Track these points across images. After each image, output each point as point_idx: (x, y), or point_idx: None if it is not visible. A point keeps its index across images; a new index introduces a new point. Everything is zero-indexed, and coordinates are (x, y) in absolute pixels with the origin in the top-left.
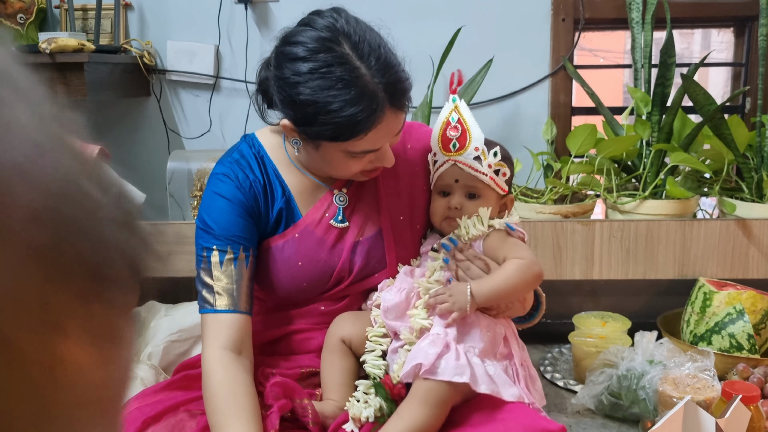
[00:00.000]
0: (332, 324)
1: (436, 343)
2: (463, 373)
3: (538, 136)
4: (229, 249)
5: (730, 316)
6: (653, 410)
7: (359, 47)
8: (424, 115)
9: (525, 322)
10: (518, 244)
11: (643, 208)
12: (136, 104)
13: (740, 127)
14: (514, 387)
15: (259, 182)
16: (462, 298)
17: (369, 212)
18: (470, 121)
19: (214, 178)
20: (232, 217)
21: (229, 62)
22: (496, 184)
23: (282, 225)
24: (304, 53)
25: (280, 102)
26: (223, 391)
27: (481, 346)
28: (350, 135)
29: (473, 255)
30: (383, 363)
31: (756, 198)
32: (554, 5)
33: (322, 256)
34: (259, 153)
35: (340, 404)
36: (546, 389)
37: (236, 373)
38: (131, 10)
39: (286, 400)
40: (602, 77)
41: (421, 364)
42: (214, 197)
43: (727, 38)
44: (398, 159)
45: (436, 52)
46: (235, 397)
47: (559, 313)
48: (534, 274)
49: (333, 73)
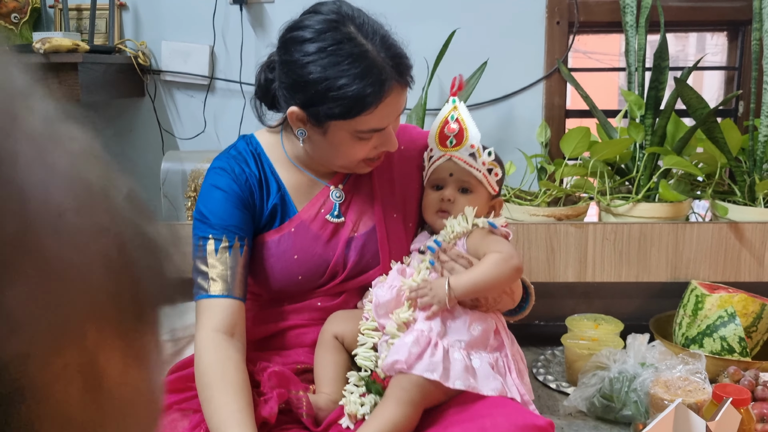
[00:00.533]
0: (326, 321)
1: (419, 340)
2: (434, 370)
3: (532, 139)
4: (224, 238)
5: (722, 319)
6: (645, 412)
7: (363, 28)
8: (418, 117)
9: (515, 314)
10: (499, 240)
11: (636, 211)
12: (131, 104)
13: (733, 130)
14: (497, 380)
15: (255, 176)
16: (441, 291)
17: (364, 209)
18: (468, 121)
19: (211, 172)
20: (227, 208)
21: (224, 63)
22: (488, 182)
23: (277, 220)
24: (312, 35)
25: (289, 88)
26: (212, 368)
27: (468, 338)
28: (360, 110)
29: (456, 254)
30: (374, 355)
31: (748, 201)
32: (549, 8)
33: (317, 250)
34: (256, 150)
35: (332, 397)
36: (538, 391)
37: (227, 352)
38: (126, 10)
39: (282, 390)
40: (596, 80)
41: (397, 360)
42: (210, 189)
43: (721, 42)
44: (392, 159)
45: (431, 54)
46: (224, 373)
47: (551, 315)
48: (512, 267)
49: (341, 50)
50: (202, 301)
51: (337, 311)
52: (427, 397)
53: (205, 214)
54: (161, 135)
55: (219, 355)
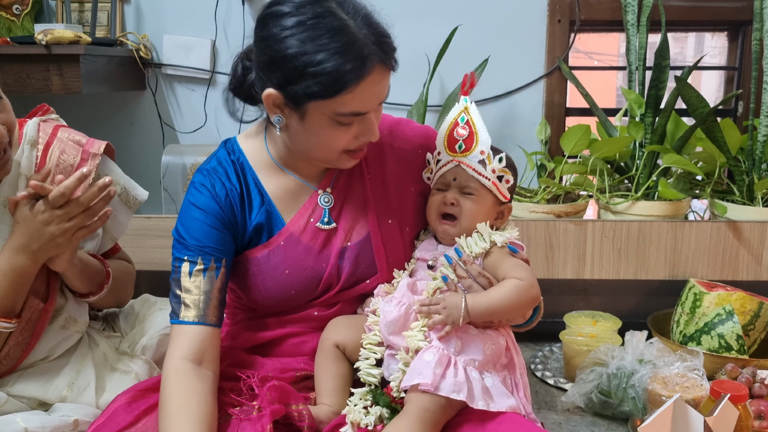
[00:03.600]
0: (326, 328)
1: (441, 360)
2: (460, 391)
3: (532, 136)
4: (200, 260)
5: (720, 317)
6: (642, 408)
7: (345, 6)
8: (419, 113)
9: (522, 325)
10: (519, 264)
11: (635, 209)
12: (132, 97)
13: (732, 130)
14: (511, 398)
15: (236, 191)
16: (456, 312)
17: (357, 215)
18: (479, 124)
19: (191, 187)
20: (204, 228)
21: (226, 57)
22: (498, 190)
23: (264, 234)
24: (290, 8)
25: (265, 67)
26: (173, 399)
27: (482, 358)
28: (340, 87)
29: (477, 271)
30: (378, 371)
31: (747, 200)
32: (550, 6)
33: (309, 263)
34: (239, 159)
35: (333, 409)
36: (536, 387)
37: (190, 381)
38: (128, 3)
39: (279, 405)
40: (596, 79)
41: (422, 383)
42: (189, 207)
43: (721, 42)
44: (385, 159)
45: (432, 51)
46: (184, 405)
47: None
48: (531, 297)
49: (321, 24)
50: (174, 327)
51: (337, 317)
52: (448, 417)
53: (183, 234)
54: (162, 128)
55: (180, 385)
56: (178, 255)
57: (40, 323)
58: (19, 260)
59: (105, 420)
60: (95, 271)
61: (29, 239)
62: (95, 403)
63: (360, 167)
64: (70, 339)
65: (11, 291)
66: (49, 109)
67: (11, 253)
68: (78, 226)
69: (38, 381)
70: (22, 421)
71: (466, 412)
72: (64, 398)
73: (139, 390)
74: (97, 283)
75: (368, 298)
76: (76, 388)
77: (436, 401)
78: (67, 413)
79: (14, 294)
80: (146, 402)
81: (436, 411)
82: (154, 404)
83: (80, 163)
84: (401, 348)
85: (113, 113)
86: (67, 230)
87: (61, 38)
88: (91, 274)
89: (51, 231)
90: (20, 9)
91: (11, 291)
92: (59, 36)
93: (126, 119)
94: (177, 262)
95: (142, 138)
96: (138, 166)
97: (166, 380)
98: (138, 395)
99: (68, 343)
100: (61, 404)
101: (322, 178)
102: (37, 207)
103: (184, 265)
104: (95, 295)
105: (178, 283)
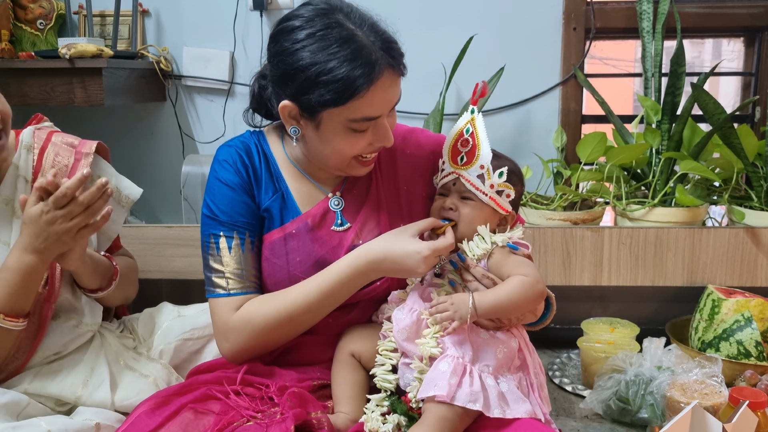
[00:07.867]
0: (342, 338)
1: (456, 370)
2: (477, 400)
3: (549, 144)
4: (236, 234)
5: (738, 324)
6: (661, 415)
7: (352, 16)
8: (435, 122)
9: (535, 324)
10: (523, 261)
11: (653, 216)
12: (152, 109)
13: (750, 136)
14: (527, 402)
15: (255, 170)
16: (464, 308)
17: (369, 215)
18: (482, 137)
19: (215, 163)
20: (235, 204)
21: (244, 68)
22: (497, 204)
23: (277, 220)
24: (301, 23)
25: (279, 80)
26: (275, 297)
27: (495, 363)
28: (352, 93)
29: (481, 273)
30: (394, 377)
31: (765, 206)
32: (566, 14)
33: (319, 252)
34: (263, 147)
35: (351, 417)
36: (554, 394)
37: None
38: (148, 16)
39: (300, 410)
40: (612, 86)
41: (437, 395)
42: (216, 184)
43: (738, 48)
44: (396, 164)
45: (449, 60)
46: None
47: (567, 318)
48: (537, 292)
49: (330, 35)
50: (220, 300)
51: (353, 326)
52: (465, 424)
53: (214, 211)
54: (182, 139)
55: (263, 303)
56: (213, 231)
57: (44, 311)
58: (27, 259)
59: (128, 426)
60: (105, 267)
61: (35, 238)
62: (110, 400)
63: (374, 171)
64: (82, 336)
65: (21, 289)
66: (43, 118)
67: (20, 252)
68: (80, 224)
69: (54, 379)
70: (45, 425)
71: (483, 417)
72: (80, 396)
73: (163, 396)
74: (106, 278)
75: (383, 305)
76: (91, 386)
77: (453, 410)
78: (89, 417)
79: (24, 292)
80: (169, 408)
81: (454, 419)
82: (176, 410)
83: (74, 164)
84: (415, 356)
85: (134, 124)
86: (70, 229)
87: (84, 52)
88: (102, 270)
89: (55, 230)
90: (44, 24)
91: (21, 289)
92: (82, 50)
93: (147, 130)
94: (212, 239)
95: (163, 148)
96: (158, 176)
97: (247, 313)
98: (162, 401)
99: (80, 339)
100: (83, 408)
101: (336, 183)
102: (42, 208)
103: (221, 240)
104: (105, 290)
105: (217, 259)
